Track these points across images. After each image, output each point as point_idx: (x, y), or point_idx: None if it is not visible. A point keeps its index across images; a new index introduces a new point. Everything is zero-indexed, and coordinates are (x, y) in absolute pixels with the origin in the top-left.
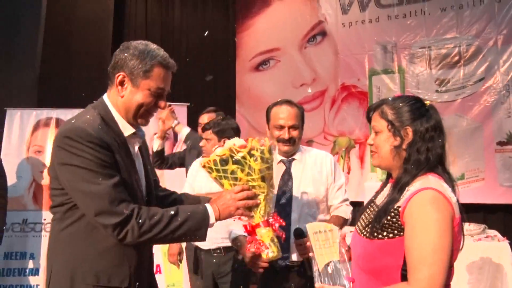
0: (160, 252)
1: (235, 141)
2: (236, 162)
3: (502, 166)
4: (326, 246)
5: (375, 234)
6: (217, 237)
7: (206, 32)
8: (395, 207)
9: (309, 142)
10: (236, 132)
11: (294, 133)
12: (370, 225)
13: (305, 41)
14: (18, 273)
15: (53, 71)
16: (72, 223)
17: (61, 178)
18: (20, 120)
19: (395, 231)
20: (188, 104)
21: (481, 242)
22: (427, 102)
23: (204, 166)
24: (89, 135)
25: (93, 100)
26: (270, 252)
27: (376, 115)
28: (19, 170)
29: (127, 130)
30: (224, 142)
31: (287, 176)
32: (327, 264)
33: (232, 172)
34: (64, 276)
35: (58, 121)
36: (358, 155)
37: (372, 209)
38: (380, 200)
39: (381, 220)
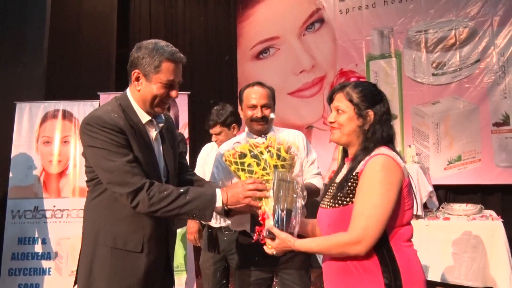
0: None
1: (258, 139)
2: (254, 156)
3: (498, 147)
4: (286, 195)
5: (340, 202)
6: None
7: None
8: (353, 174)
9: (309, 128)
10: (235, 114)
11: (267, 111)
12: (333, 196)
13: (303, 29)
14: (32, 257)
15: (59, 66)
16: (98, 194)
17: (88, 158)
18: (29, 112)
19: (354, 197)
20: (189, 92)
21: (475, 222)
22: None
23: (225, 160)
24: (104, 122)
25: (98, 93)
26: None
27: (340, 96)
28: (30, 160)
29: (144, 118)
30: (234, 128)
31: None
32: (282, 210)
33: (249, 165)
34: (90, 237)
35: (65, 113)
36: None
37: (333, 187)
38: (339, 178)
39: (344, 189)
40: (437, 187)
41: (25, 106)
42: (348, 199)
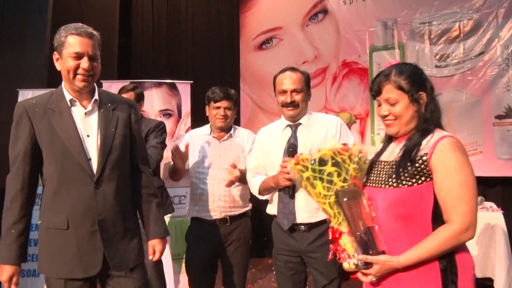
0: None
1: (333, 144)
2: (336, 164)
3: (500, 140)
4: (359, 212)
5: (404, 182)
6: (225, 206)
7: None
8: (421, 155)
9: None
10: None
11: (297, 97)
12: (395, 175)
13: (307, 19)
14: (34, 243)
15: None
16: None
17: None
18: None
19: (423, 178)
20: (192, 81)
21: None
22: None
23: (297, 164)
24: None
25: (101, 81)
26: (352, 263)
27: (389, 87)
28: None
29: (68, 97)
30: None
31: (293, 139)
32: (363, 232)
33: (329, 175)
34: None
35: None
36: (359, 130)
37: (382, 166)
38: (388, 157)
39: (407, 169)
40: None
41: (27, 93)
42: (413, 180)
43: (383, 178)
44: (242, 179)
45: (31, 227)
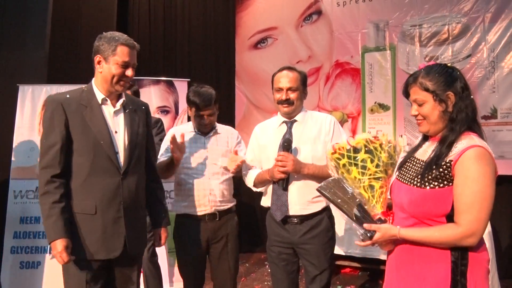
0: None
1: (365, 135)
2: (369, 151)
3: (486, 139)
4: (346, 195)
5: (426, 184)
6: (216, 200)
7: None
8: (447, 161)
9: None
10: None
11: (292, 95)
12: (420, 176)
13: (301, 20)
14: (33, 236)
15: (61, 50)
16: None
17: None
18: (32, 95)
19: (445, 182)
20: (189, 79)
21: None
22: (449, 64)
23: (334, 153)
24: (48, 100)
25: None
26: (359, 235)
27: (416, 89)
28: (32, 142)
29: (100, 97)
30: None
31: (287, 135)
32: (356, 212)
33: (363, 161)
34: None
35: None
36: (351, 128)
37: (414, 162)
38: (421, 155)
39: (432, 171)
40: None
41: (27, 88)
42: (435, 183)
43: (411, 176)
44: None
45: (37, 219)
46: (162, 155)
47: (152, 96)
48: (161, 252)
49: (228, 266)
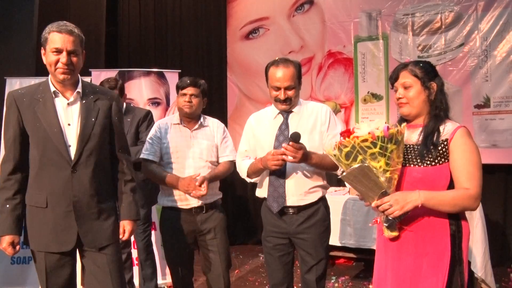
0: (154, 209)
1: (378, 124)
2: (396, 143)
3: (478, 128)
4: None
5: (429, 162)
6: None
7: None
8: (443, 139)
9: None
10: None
11: (290, 93)
12: (420, 157)
13: (293, 10)
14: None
15: None
16: None
17: None
18: None
19: (443, 159)
20: (180, 70)
21: None
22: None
23: (365, 140)
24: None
25: (90, 69)
26: (383, 223)
27: (405, 73)
28: None
29: (52, 89)
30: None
31: (284, 126)
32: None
33: (391, 152)
34: None
35: None
36: (344, 119)
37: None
38: (409, 141)
39: (431, 151)
40: None
41: (15, 82)
42: (436, 161)
43: (409, 158)
44: (215, 179)
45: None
46: (148, 152)
47: (143, 87)
48: (156, 246)
49: (219, 259)
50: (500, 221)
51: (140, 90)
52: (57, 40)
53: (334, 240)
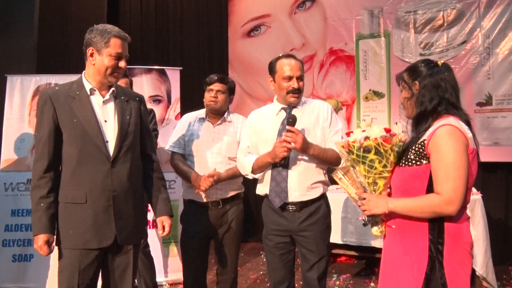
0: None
1: (377, 131)
2: (378, 153)
3: (480, 126)
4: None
5: (408, 162)
6: (218, 188)
7: None
8: (421, 141)
9: None
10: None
11: (301, 83)
12: (404, 157)
13: (294, 7)
14: (25, 228)
15: (50, 40)
16: None
17: None
18: (21, 86)
19: (422, 160)
20: (181, 68)
21: None
22: (440, 62)
23: (344, 146)
24: (40, 94)
25: None
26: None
27: (401, 80)
28: (22, 134)
29: (88, 87)
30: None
31: (286, 121)
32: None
33: (371, 161)
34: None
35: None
36: (345, 116)
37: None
38: None
39: (409, 153)
40: None
41: (16, 79)
42: (414, 161)
43: (402, 159)
44: (230, 177)
45: (28, 212)
46: (173, 145)
47: (144, 85)
48: (156, 243)
49: (228, 253)
50: (501, 219)
51: (141, 87)
52: (119, 46)
53: (336, 238)
